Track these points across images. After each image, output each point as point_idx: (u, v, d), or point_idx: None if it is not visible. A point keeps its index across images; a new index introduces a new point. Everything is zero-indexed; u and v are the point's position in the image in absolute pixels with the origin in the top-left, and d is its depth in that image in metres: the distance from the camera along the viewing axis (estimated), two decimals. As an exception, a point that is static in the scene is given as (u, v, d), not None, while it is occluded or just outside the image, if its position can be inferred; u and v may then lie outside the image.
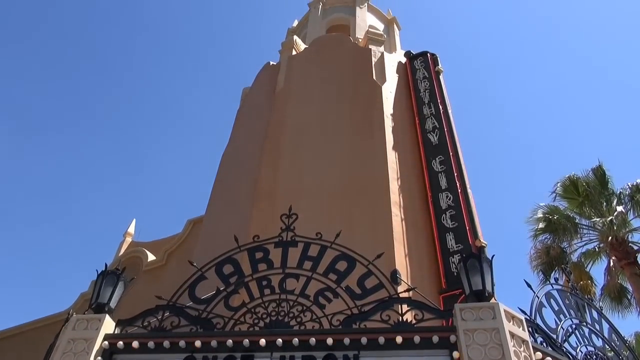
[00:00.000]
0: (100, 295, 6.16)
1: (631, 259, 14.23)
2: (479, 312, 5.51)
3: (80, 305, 14.01)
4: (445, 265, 9.87)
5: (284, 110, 13.73)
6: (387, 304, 5.84)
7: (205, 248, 11.19)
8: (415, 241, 10.21)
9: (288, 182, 11.38)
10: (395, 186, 11.05)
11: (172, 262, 14.18)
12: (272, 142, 12.68)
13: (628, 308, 15.35)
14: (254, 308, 6.03)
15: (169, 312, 6.02)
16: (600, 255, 15.93)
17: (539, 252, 15.40)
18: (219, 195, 13.56)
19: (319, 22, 19.44)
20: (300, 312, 5.94)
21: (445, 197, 11.14)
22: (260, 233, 6.83)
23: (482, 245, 9.88)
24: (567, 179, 16.18)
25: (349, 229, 8.59)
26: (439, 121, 13.14)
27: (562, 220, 15.36)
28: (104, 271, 6.35)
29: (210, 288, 6.29)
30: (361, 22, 18.83)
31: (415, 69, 15.24)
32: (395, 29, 19.85)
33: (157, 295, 6.28)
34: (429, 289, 9.08)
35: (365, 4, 20.06)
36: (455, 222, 10.54)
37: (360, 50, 15.46)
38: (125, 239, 17.22)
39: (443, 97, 14.16)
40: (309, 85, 14.48)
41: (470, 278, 5.90)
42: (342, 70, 14.72)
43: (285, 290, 6.17)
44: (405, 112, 13.78)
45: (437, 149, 12.39)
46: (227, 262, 6.46)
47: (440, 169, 11.83)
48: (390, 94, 13.89)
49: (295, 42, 16.47)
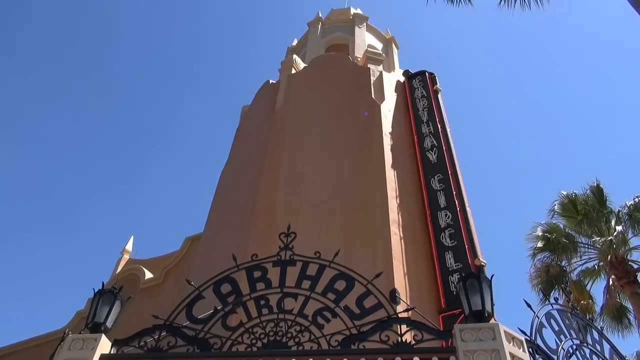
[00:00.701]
0: (96, 314, 6.10)
1: (631, 277, 14.17)
2: (478, 333, 5.47)
3: (76, 323, 13.87)
4: (444, 285, 9.81)
5: (283, 128, 13.80)
6: (386, 324, 5.80)
7: (204, 266, 11.13)
8: (414, 260, 10.16)
9: (287, 201, 11.38)
10: (394, 204, 11.04)
11: (169, 280, 14.06)
12: (271, 160, 12.71)
13: (629, 328, 15.25)
14: (251, 328, 5.98)
15: (165, 331, 5.96)
16: (600, 274, 15.87)
17: (539, 270, 15.34)
18: (218, 213, 13.54)
19: (318, 41, 19.65)
20: (299, 332, 5.89)
21: (444, 216, 11.12)
22: (259, 251, 6.80)
23: (481, 264, 9.83)
24: (566, 197, 16.19)
25: (347, 247, 8.57)
26: (437, 139, 13.19)
27: (561, 238, 15.34)
28: (100, 290, 6.31)
29: (207, 307, 6.24)
30: (360, 41, 19.04)
31: (413, 87, 15.35)
32: (394, 48, 20.08)
33: (153, 314, 6.23)
34: (428, 308, 9.01)
35: (364, 23, 20.31)
36: (454, 240, 10.51)
37: (359, 69, 15.60)
38: (122, 256, 17.12)
39: (441, 115, 14.24)
40: (308, 103, 14.57)
41: (470, 298, 5.87)
42: (341, 89, 14.83)
43: (284, 310, 6.12)
44: (404, 130, 13.85)
45: (436, 167, 12.42)
46: (225, 281, 6.42)
47: (439, 187, 11.84)
48: (389, 112, 13.97)
49: (295, 61, 16.63)
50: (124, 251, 17.26)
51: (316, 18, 20.85)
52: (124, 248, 17.33)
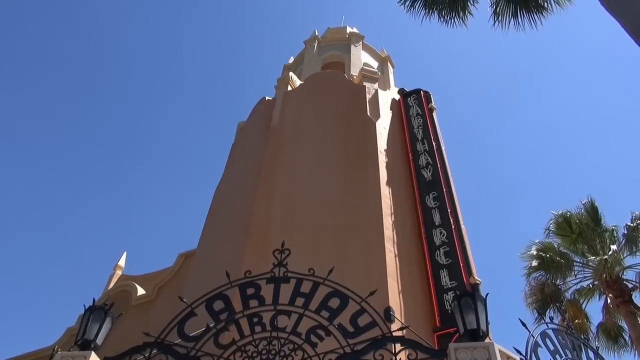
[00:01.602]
0: (86, 331, 6.01)
1: (626, 297, 14.12)
2: (473, 352, 5.43)
3: (66, 340, 13.67)
4: (439, 303, 9.76)
5: (278, 145, 13.82)
6: (380, 342, 5.74)
7: (197, 282, 11.03)
8: (409, 277, 10.12)
9: (281, 217, 11.34)
10: (389, 222, 11.03)
11: (162, 297, 13.91)
12: (266, 176, 12.70)
13: (624, 348, 15.15)
14: (244, 346, 5.90)
15: (156, 349, 5.87)
16: (594, 293, 15.81)
17: (534, 289, 15.28)
18: (212, 229, 13.46)
19: (314, 59, 19.81)
20: (292, 350, 5.82)
21: (439, 233, 11.11)
22: (253, 268, 6.74)
23: (476, 282, 9.81)
24: (560, 215, 16.20)
25: (342, 265, 8.50)
26: (432, 157, 13.24)
27: (556, 257, 15.31)
28: (91, 306, 6.22)
29: (200, 324, 6.16)
30: (356, 59, 19.21)
31: (408, 105, 15.45)
32: (389, 66, 20.27)
33: (144, 331, 6.14)
34: (423, 326, 8.95)
35: (360, 42, 20.52)
36: (449, 258, 10.48)
37: (354, 87, 15.70)
38: (115, 272, 16.97)
39: (436, 133, 14.32)
40: (304, 120, 14.62)
41: (465, 317, 5.83)
42: (336, 106, 14.91)
43: (277, 327, 6.05)
44: (399, 148, 13.90)
45: (431, 185, 12.44)
46: (217, 298, 6.35)
47: (434, 205, 11.84)
48: (384, 130, 14.04)
49: (291, 78, 16.74)
50: (116, 267, 17.11)
51: (313, 36, 21.06)
52: (116, 264, 17.18)
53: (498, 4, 10.85)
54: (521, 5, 10.59)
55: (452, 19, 10.99)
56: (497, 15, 10.83)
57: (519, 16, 10.64)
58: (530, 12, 10.58)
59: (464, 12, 10.98)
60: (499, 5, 10.73)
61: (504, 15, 10.74)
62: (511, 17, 10.69)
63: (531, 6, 10.50)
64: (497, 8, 10.84)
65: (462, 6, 10.94)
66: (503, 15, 10.76)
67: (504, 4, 10.68)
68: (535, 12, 10.55)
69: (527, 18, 10.62)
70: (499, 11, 10.75)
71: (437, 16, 10.97)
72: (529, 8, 10.54)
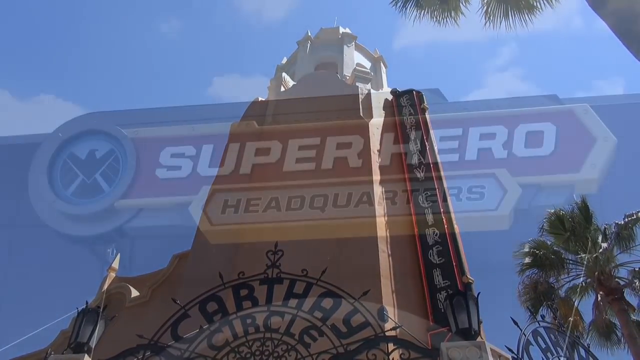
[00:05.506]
0: (79, 334, 6.02)
1: (618, 294, 14.23)
2: (465, 351, 5.48)
3: (60, 343, 13.57)
4: (432, 302, 9.79)
5: (271, 145, 13.83)
6: (373, 342, 5.78)
7: (191, 284, 11.02)
8: (402, 277, 10.16)
9: (274, 218, 11.36)
10: (382, 222, 11.08)
11: (156, 299, 13.83)
12: (259, 178, 12.71)
13: (617, 344, 15.26)
14: (237, 347, 5.92)
15: (150, 351, 5.88)
16: (588, 291, 15.92)
17: (527, 287, 15.37)
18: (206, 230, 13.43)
19: (307, 60, 19.83)
20: (285, 351, 5.85)
21: (432, 233, 11.15)
22: (246, 269, 6.76)
23: (468, 281, 9.86)
24: (554, 213, 16.30)
25: (335, 265, 8.54)
26: (425, 157, 13.30)
27: (549, 255, 15.41)
28: (84, 309, 6.22)
29: (193, 326, 6.17)
30: (349, 60, 19.25)
31: (401, 106, 15.48)
32: (382, 67, 20.33)
33: (138, 333, 6.14)
34: (417, 326, 8.96)
35: (352, 42, 20.54)
36: (442, 258, 10.53)
37: (347, 87, 15.75)
38: (109, 273, 16.87)
39: (429, 133, 14.37)
40: (297, 121, 14.64)
41: (457, 316, 5.89)
42: (329, 107, 14.93)
43: (270, 328, 6.08)
44: (392, 148, 13.95)
45: (424, 185, 12.48)
46: (211, 300, 6.38)
47: (426, 205, 11.89)
48: (377, 130, 14.09)
49: (284, 79, 16.77)
50: (110, 269, 17.02)
51: (305, 37, 21.07)
52: (110, 265, 17.09)
53: (489, 5, 10.91)
54: (512, 5, 10.66)
55: (444, 19, 11.05)
56: (488, 16, 10.89)
57: (509, 16, 10.71)
58: (521, 11, 10.66)
59: (455, 12, 11.04)
60: (490, 6, 10.79)
61: (495, 16, 10.81)
62: (502, 17, 10.76)
63: (522, 6, 10.56)
64: (488, 8, 10.91)
65: (454, 6, 11.00)
66: (494, 16, 10.83)
67: (495, 5, 10.75)
68: (526, 11, 10.63)
69: (519, 17, 10.70)
70: (490, 11, 10.81)
71: (429, 16, 11.02)
72: (520, 8, 10.60)
